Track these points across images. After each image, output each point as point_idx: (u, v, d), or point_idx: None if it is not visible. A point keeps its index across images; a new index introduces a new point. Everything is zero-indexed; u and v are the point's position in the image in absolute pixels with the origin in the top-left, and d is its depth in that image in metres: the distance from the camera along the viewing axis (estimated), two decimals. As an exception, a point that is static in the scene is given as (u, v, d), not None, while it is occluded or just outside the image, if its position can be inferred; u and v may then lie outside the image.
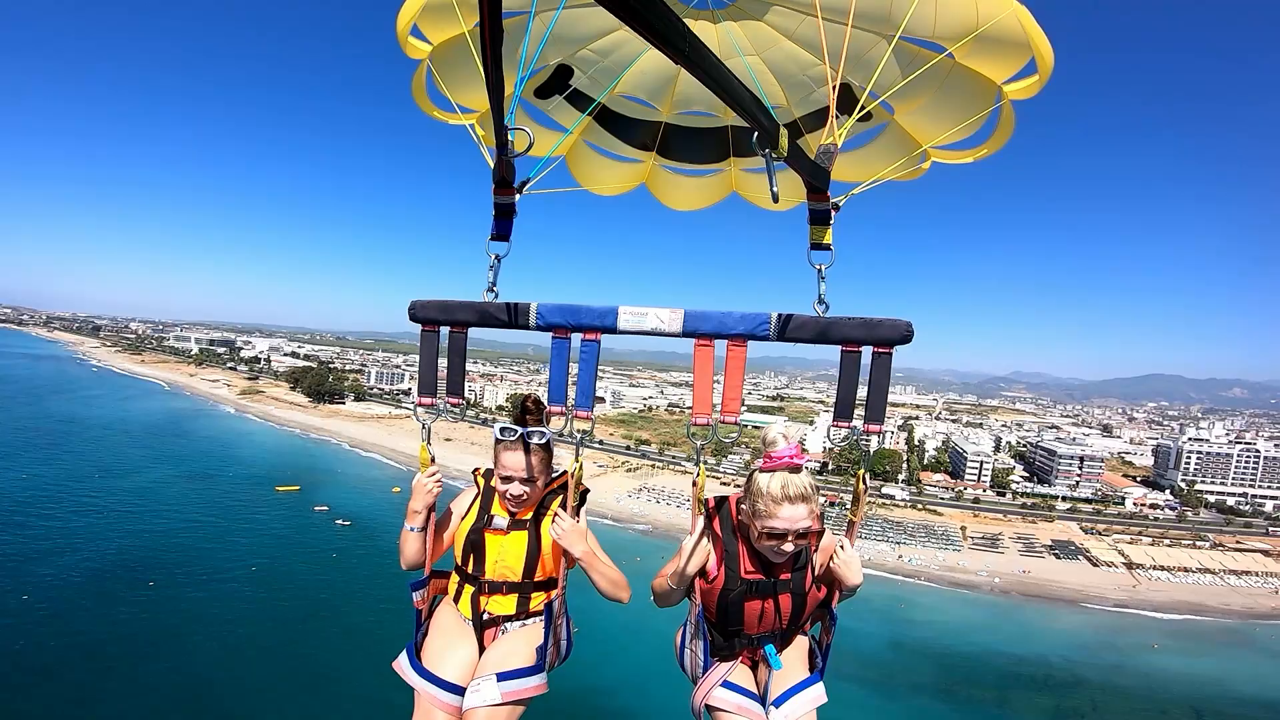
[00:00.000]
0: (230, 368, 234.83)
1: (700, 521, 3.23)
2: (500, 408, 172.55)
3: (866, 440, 3.09)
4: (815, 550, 3.31)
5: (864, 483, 3.20)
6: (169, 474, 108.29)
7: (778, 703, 3.24)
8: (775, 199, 2.77)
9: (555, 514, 3.41)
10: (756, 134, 2.35)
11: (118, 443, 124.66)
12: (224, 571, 72.50)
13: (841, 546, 3.28)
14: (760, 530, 3.06)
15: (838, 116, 3.70)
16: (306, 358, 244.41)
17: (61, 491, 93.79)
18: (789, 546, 3.06)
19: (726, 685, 3.27)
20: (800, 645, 3.53)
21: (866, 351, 3.04)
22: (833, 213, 3.27)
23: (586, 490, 3.52)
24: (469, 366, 3.41)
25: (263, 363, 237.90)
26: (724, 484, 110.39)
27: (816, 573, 3.32)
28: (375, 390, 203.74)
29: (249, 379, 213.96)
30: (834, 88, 3.30)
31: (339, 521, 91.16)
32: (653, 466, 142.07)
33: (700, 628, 3.32)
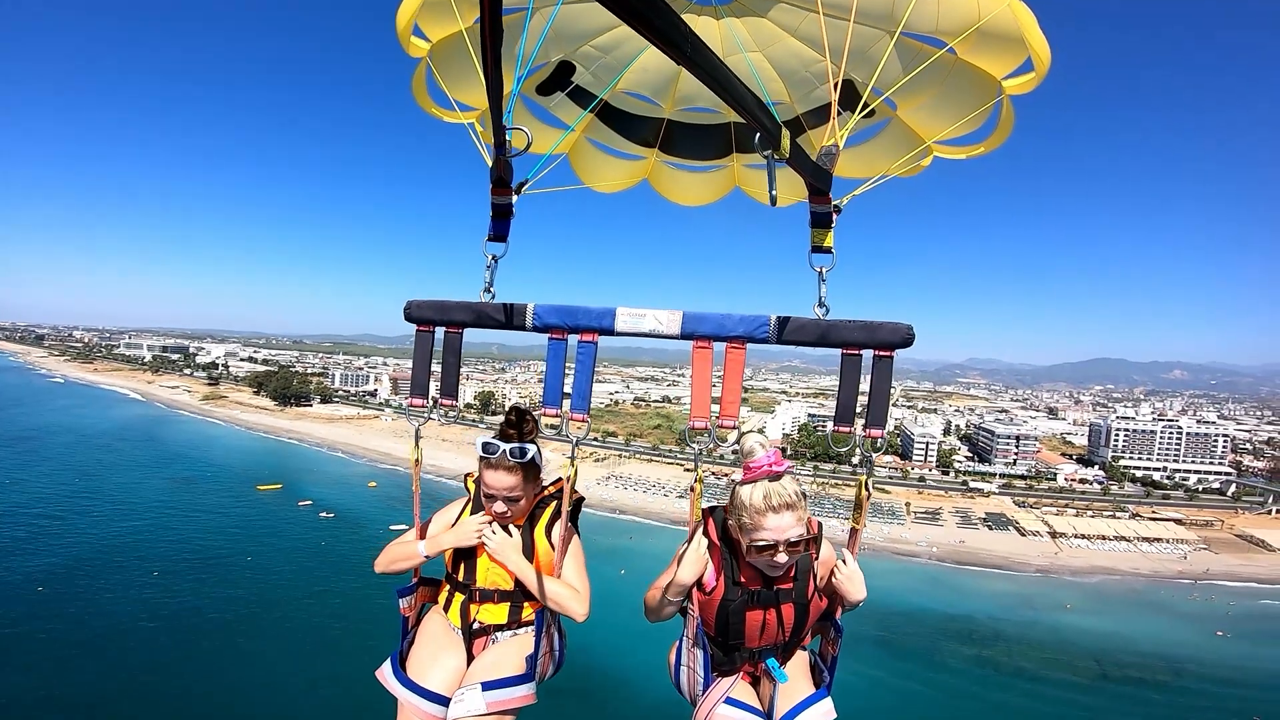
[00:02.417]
0: (188, 374, 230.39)
1: (698, 529, 3.11)
2: (469, 405, 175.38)
3: (868, 444, 2.96)
4: (815, 559, 3.15)
5: (866, 489, 3.05)
6: (157, 476, 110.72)
7: (785, 719, 3.08)
8: (773, 202, 2.85)
9: (492, 526, 3.37)
10: (759, 135, 2.32)
11: (106, 449, 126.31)
12: (223, 562, 76.56)
13: (844, 561, 3.17)
14: (749, 544, 2.89)
15: (840, 114, 3.73)
16: (265, 362, 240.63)
17: (59, 493, 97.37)
18: (782, 558, 2.87)
19: (730, 702, 3.10)
20: (800, 659, 3.38)
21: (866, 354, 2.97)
22: (834, 215, 3.22)
23: (581, 499, 3.44)
24: (433, 367, 3.35)
25: (221, 368, 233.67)
26: (687, 470, 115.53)
27: (818, 585, 3.20)
28: (341, 392, 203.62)
29: (209, 384, 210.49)
30: (836, 85, 3.29)
31: (323, 514, 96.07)
32: (619, 456, 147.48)
33: (700, 640, 3.14)
